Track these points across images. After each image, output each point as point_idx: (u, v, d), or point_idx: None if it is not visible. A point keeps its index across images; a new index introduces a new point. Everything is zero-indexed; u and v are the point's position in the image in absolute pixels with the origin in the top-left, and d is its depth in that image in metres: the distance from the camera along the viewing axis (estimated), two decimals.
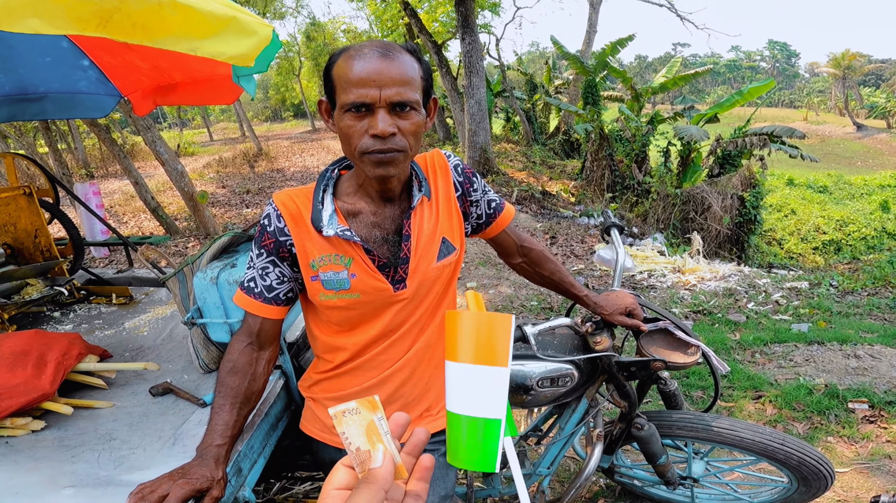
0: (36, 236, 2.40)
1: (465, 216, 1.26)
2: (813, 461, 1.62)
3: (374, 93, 0.94)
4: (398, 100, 0.96)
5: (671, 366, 1.50)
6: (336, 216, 1.09)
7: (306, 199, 1.12)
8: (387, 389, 1.23)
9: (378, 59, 0.95)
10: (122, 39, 1.26)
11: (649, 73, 56.45)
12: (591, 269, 6.11)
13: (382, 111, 0.96)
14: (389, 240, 1.13)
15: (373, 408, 0.50)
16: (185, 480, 0.99)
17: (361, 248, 1.09)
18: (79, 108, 2.32)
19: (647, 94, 12.86)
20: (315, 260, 1.10)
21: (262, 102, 47.24)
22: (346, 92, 0.96)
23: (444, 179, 1.20)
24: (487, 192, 1.29)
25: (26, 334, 1.48)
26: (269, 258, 1.12)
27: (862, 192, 15.85)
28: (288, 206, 1.11)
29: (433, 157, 1.22)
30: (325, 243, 1.09)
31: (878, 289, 5.51)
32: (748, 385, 3.09)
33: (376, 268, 1.10)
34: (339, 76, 0.98)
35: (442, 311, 1.25)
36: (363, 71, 0.95)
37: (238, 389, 1.14)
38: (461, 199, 1.23)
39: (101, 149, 17.70)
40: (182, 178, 7.21)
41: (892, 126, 27.57)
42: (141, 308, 2.18)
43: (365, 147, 0.98)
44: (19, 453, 1.25)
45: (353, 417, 0.49)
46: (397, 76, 0.95)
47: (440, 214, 1.18)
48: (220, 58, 1.40)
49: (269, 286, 1.14)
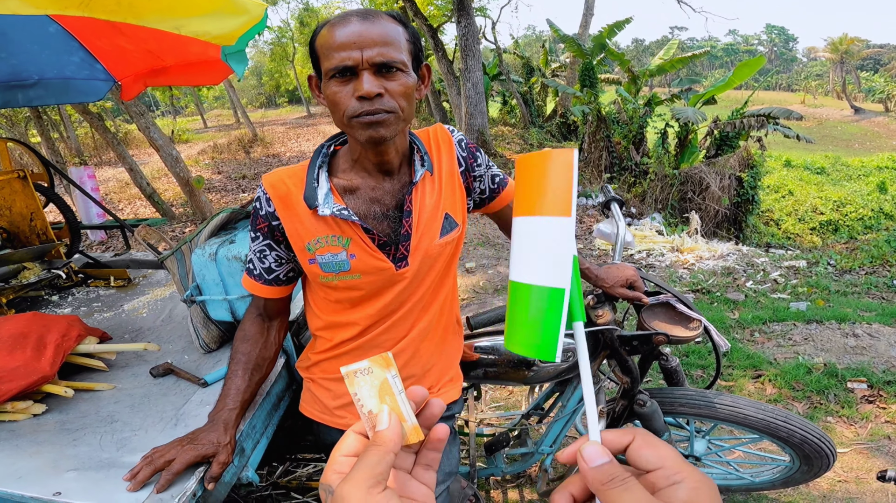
0: (32, 220, 2.38)
1: (467, 191, 1.23)
2: (815, 439, 1.61)
3: (356, 54, 0.92)
4: (381, 60, 0.93)
5: (673, 339, 1.49)
6: (332, 194, 1.06)
7: (298, 178, 1.08)
8: None
9: (358, 22, 0.93)
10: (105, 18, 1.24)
11: (646, 56, 55.98)
12: (590, 249, 6.11)
13: (367, 73, 0.93)
14: (390, 216, 1.10)
15: (386, 364, 0.47)
16: (191, 446, 1.04)
17: (360, 227, 1.05)
18: (72, 93, 2.28)
19: (645, 76, 12.75)
20: (310, 242, 1.07)
21: (257, 89, 46.84)
22: (329, 58, 0.94)
23: (447, 154, 1.17)
24: (491, 166, 1.26)
25: (24, 317, 1.46)
26: (264, 241, 1.12)
27: (859, 174, 15.82)
28: (277, 188, 1.08)
29: (436, 130, 1.19)
30: (320, 224, 1.06)
31: (875, 268, 5.53)
32: (748, 364, 3.10)
33: (376, 246, 1.08)
34: (321, 45, 0.96)
35: (444, 290, 1.23)
36: (343, 35, 0.93)
37: (249, 355, 1.18)
38: (464, 174, 1.20)
39: (93, 137, 17.54)
40: (177, 164, 7.15)
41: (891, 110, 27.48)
42: (139, 290, 2.16)
43: (353, 110, 0.95)
44: (21, 437, 1.24)
45: (365, 377, 0.46)
46: (378, 37, 0.93)
47: (443, 189, 1.15)
48: (203, 37, 1.38)
49: (267, 268, 1.14)
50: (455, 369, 1.37)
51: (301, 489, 1.92)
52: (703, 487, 0.37)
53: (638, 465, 0.40)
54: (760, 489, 1.97)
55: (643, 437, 0.41)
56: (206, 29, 1.37)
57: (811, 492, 2.12)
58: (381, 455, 0.41)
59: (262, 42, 25.13)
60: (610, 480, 0.38)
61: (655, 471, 0.39)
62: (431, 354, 1.27)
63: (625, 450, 0.42)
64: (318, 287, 1.16)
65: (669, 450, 0.40)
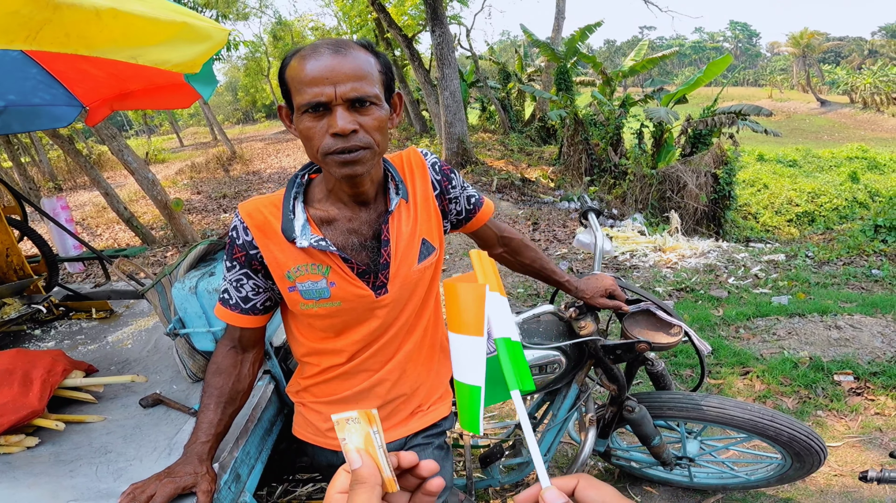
0: (7, 255, 2.35)
1: (443, 214, 1.24)
2: (803, 436, 1.64)
3: (329, 90, 0.91)
4: (354, 95, 0.92)
5: (655, 346, 1.53)
6: (309, 225, 1.06)
7: (274, 208, 1.08)
8: (378, 392, 1.23)
9: (330, 56, 0.92)
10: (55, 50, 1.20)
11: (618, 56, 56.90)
12: (575, 254, 6.18)
13: (340, 108, 0.92)
14: (367, 245, 1.10)
15: (370, 421, 0.51)
16: (169, 479, 1.04)
17: (339, 257, 1.06)
18: (41, 120, 2.25)
19: (618, 78, 13.02)
20: (290, 271, 1.07)
21: (232, 105, 46.42)
22: (301, 93, 0.93)
23: (421, 179, 1.18)
24: (466, 188, 1.27)
25: (8, 353, 1.45)
26: (241, 271, 1.10)
27: (830, 165, 16.22)
28: (254, 217, 1.07)
29: (409, 155, 1.20)
30: (299, 253, 1.06)
31: (853, 258, 5.65)
32: (735, 361, 3.14)
33: (356, 275, 1.08)
34: (292, 78, 0.95)
35: (427, 312, 1.25)
36: (315, 69, 0.91)
37: (222, 389, 1.15)
38: (439, 197, 1.21)
39: (66, 160, 17.22)
40: (154, 187, 7.07)
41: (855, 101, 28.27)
42: (123, 321, 2.14)
43: (327, 147, 0.94)
44: (17, 469, 1.24)
45: (355, 425, 0.51)
46: (351, 71, 0.92)
47: (419, 215, 1.16)
48: (164, 66, 1.35)
49: (244, 297, 1.13)
50: (444, 387, 1.39)
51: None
52: None
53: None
54: (757, 487, 1.99)
55: (586, 480, 0.49)
56: (165, 58, 1.33)
57: (808, 487, 2.14)
58: (368, 490, 0.47)
59: (236, 57, 24.97)
60: None
61: None
62: (419, 375, 1.28)
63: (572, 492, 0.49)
64: (301, 315, 1.16)
65: (610, 489, 0.49)
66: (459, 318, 0.59)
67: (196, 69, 1.42)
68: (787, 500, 2.08)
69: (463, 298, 0.59)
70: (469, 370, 0.59)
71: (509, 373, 0.57)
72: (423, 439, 1.32)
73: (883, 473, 1.34)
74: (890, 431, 2.43)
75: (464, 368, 0.59)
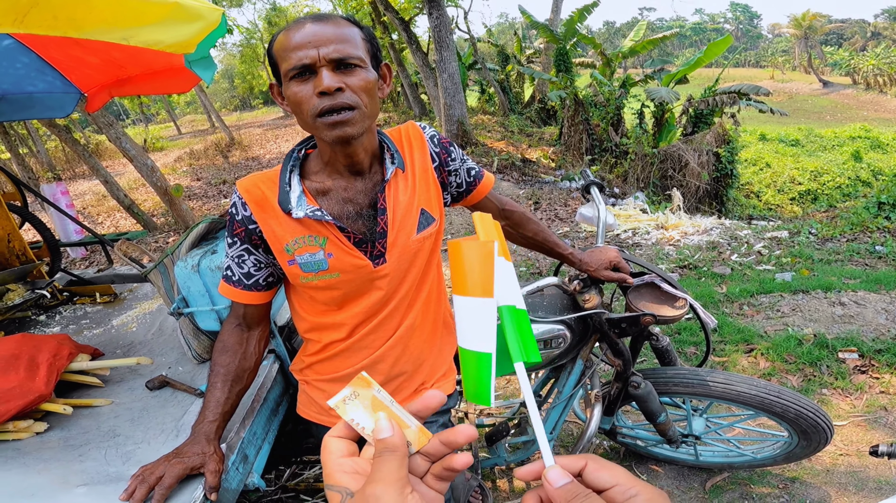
0: (9, 241, 2.34)
1: (443, 186, 1.24)
2: (810, 413, 1.62)
3: (313, 52, 0.93)
4: (337, 56, 0.94)
5: (660, 319, 1.50)
6: (305, 196, 1.07)
7: (272, 182, 1.09)
8: (381, 369, 1.23)
9: (312, 24, 0.96)
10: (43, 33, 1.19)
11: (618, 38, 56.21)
12: (577, 232, 6.15)
13: (325, 69, 0.94)
14: (364, 214, 1.10)
15: (367, 384, 0.47)
16: (178, 460, 1.05)
17: (335, 226, 1.06)
18: (38, 108, 2.23)
19: (618, 59, 12.89)
20: (289, 244, 1.07)
21: (229, 92, 46.06)
22: (286, 59, 0.96)
23: (419, 150, 1.18)
24: (466, 160, 1.27)
25: (13, 338, 1.45)
26: (242, 246, 1.11)
27: (833, 144, 16.08)
28: (252, 193, 1.08)
29: (407, 128, 1.20)
30: (297, 225, 1.07)
31: (856, 234, 5.60)
32: (739, 338, 3.11)
33: (353, 244, 1.08)
34: (278, 49, 0.98)
35: (428, 285, 1.24)
36: (298, 36, 0.95)
37: (228, 367, 1.16)
38: (438, 169, 1.21)
39: (64, 150, 17.15)
40: (153, 174, 7.04)
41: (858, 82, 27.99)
42: (127, 305, 2.15)
43: (315, 108, 0.95)
44: (27, 455, 1.25)
45: (354, 401, 0.47)
46: (333, 35, 0.95)
47: (417, 185, 1.16)
48: (156, 46, 1.34)
49: (246, 273, 1.13)
50: (448, 364, 1.39)
51: (310, 491, 1.92)
52: (658, 498, 0.41)
53: (594, 486, 0.44)
54: (763, 465, 1.96)
55: (595, 461, 0.45)
56: (158, 38, 1.32)
57: (814, 466, 2.12)
58: (400, 459, 0.43)
59: (231, 44, 24.70)
60: (574, 497, 0.42)
61: (612, 489, 0.43)
62: (421, 351, 1.28)
63: (579, 474, 0.45)
64: (302, 289, 1.16)
65: (621, 469, 0.44)
66: (465, 279, 0.55)
67: (191, 49, 1.41)
68: (794, 479, 2.07)
69: (469, 257, 0.55)
70: (477, 336, 0.55)
71: (514, 344, 0.53)
72: (428, 417, 1.32)
73: (893, 448, 1.33)
74: (895, 410, 2.41)
75: (471, 335, 0.55)
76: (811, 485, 2.03)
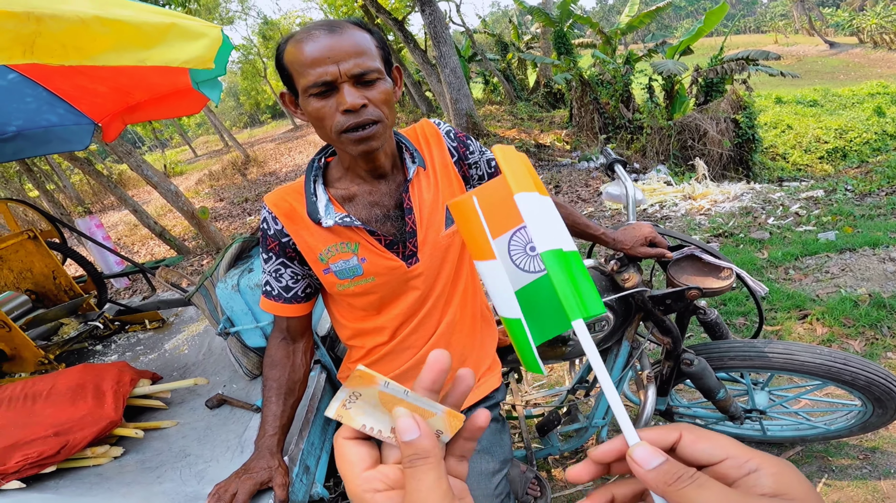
0: (55, 278, 2.43)
1: (466, 180, 1.24)
2: (882, 379, 1.51)
3: (333, 69, 0.92)
4: (358, 71, 0.93)
5: (707, 292, 1.44)
6: (332, 205, 1.08)
7: (298, 194, 1.10)
8: None
9: (327, 36, 0.93)
10: (56, 62, 1.19)
11: (613, 15, 55.13)
12: (602, 211, 6.06)
13: (346, 85, 0.93)
14: (391, 216, 1.11)
15: (369, 380, 0.39)
16: (247, 476, 1.08)
17: (365, 231, 1.07)
18: (55, 142, 2.27)
19: (617, 35, 12.71)
20: (322, 253, 1.09)
21: (237, 109, 46.76)
22: (304, 75, 0.94)
23: (437, 147, 1.18)
24: (485, 151, 1.26)
25: (76, 369, 1.51)
26: (278, 261, 1.13)
27: (853, 102, 15.49)
28: (280, 206, 1.10)
29: (422, 127, 1.20)
30: (327, 234, 1.08)
31: (894, 187, 5.42)
32: (790, 304, 2.95)
33: (384, 247, 1.09)
34: (292, 62, 0.96)
35: (462, 281, 1.24)
36: (315, 50, 0.92)
37: (280, 381, 1.18)
38: (458, 163, 1.21)
39: (90, 183, 17.64)
40: (178, 198, 7.20)
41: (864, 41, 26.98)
42: (175, 328, 2.21)
43: (340, 125, 0.95)
44: (109, 480, 1.30)
45: (357, 404, 0.40)
46: (351, 48, 0.93)
47: (439, 182, 1.16)
48: (174, 63, 1.35)
49: (285, 287, 1.15)
50: (492, 357, 1.39)
51: None
52: (786, 471, 0.33)
53: (695, 462, 0.36)
54: (838, 437, 1.85)
55: (692, 431, 0.37)
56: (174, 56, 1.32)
57: (893, 435, 1.99)
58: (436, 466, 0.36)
59: (231, 62, 25.03)
60: (676, 480, 0.34)
61: (721, 463, 0.35)
62: (464, 346, 1.28)
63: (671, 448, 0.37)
64: (340, 297, 1.17)
65: (726, 438, 0.36)
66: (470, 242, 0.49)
67: (209, 64, 1.43)
68: (874, 449, 1.95)
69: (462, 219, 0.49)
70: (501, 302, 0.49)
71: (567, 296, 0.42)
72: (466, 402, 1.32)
73: None
74: None
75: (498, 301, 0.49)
76: (893, 455, 1.92)
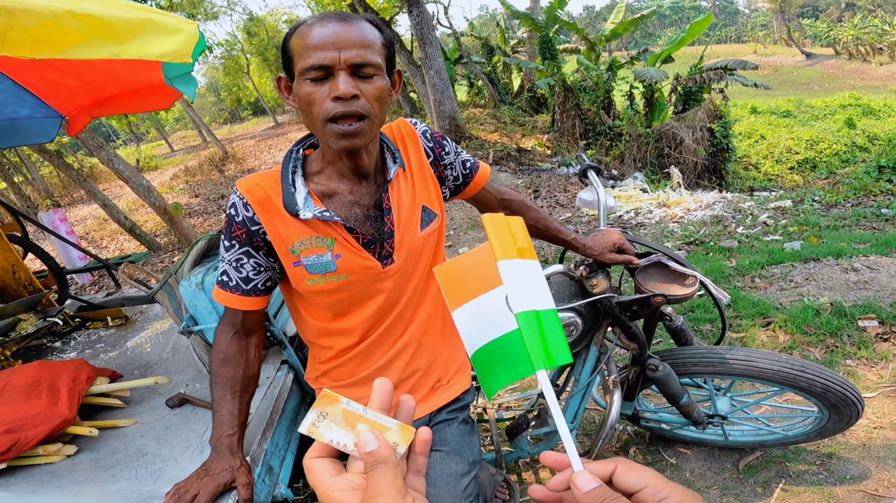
0: (14, 272, 2.35)
1: (441, 180, 1.23)
2: (837, 386, 1.56)
3: (334, 55, 0.91)
4: (359, 61, 0.92)
5: (672, 299, 1.48)
6: (311, 198, 1.05)
7: (274, 182, 1.06)
8: (397, 367, 1.23)
9: (337, 24, 0.92)
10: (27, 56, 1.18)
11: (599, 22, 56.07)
12: (579, 217, 6.14)
13: (343, 73, 0.92)
14: (371, 216, 1.10)
15: (332, 400, 0.46)
16: (209, 477, 1.05)
17: (343, 227, 1.05)
18: (21, 135, 2.20)
19: (601, 42, 12.91)
20: (294, 245, 1.05)
21: (217, 105, 46.00)
22: (305, 57, 0.93)
23: (413, 147, 1.17)
24: (460, 153, 1.26)
25: (31, 366, 1.47)
26: (241, 249, 1.07)
27: (825, 113, 15.96)
28: (254, 193, 1.05)
29: (399, 126, 1.19)
30: (302, 227, 1.04)
31: (860, 199, 5.58)
32: (755, 312, 3.03)
33: (361, 245, 1.07)
34: (296, 45, 0.95)
35: (435, 281, 1.23)
36: (321, 34, 0.91)
37: (234, 378, 1.14)
38: (434, 164, 1.20)
39: (60, 176, 17.16)
40: (150, 193, 7.04)
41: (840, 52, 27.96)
42: (139, 326, 2.16)
43: (327, 112, 0.93)
44: (62, 478, 1.26)
45: (325, 422, 0.46)
46: (357, 38, 0.92)
47: (416, 183, 1.15)
48: (149, 57, 1.34)
49: (245, 278, 1.10)
50: (462, 358, 1.38)
51: None
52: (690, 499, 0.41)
53: (624, 489, 0.43)
54: (796, 442, 1.91)
55: (625, 464, 0.44)
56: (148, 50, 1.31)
57: (849, 441, 2.05)
58: (393, 469, 0.43)
59: (213, 57, 24.64)
60: (602, 501, 0.42)
61: (642, 491, 0.42)
62: (435, 347, 1.28)
63: (609, 478, 0.44)
64: (307, 293, 1.14)
65: (651, 471, 0.44)
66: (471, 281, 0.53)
67: (187, 58, 1.41)
68: (830, 455, 2.00)
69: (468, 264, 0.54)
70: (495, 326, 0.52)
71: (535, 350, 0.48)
72: (447, 415, 1.31)
73: None
74: None
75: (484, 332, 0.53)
76: (849, 461, 1.97)
